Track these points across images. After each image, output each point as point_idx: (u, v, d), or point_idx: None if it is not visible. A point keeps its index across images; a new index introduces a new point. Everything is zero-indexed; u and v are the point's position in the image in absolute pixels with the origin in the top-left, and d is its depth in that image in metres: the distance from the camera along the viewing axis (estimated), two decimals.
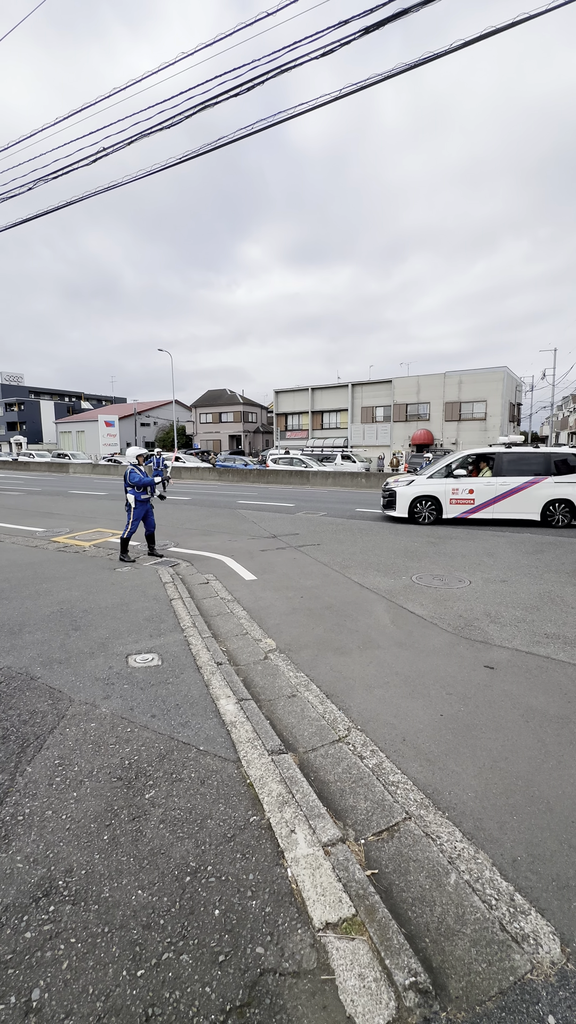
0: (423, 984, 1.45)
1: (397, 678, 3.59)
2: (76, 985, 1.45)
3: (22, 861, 1.89)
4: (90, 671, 3.55)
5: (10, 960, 1.52)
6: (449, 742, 2.80)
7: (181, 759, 2.54)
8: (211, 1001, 1.41)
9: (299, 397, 45.40)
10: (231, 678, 3.47)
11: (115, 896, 1.74)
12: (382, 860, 1.96)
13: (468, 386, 36.47)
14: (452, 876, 1.88)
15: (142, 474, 7.10)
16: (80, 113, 7.42)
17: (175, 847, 1.96)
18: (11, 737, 2.72)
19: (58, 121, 7.63)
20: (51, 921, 1.65)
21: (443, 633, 4.47)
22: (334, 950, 1.55)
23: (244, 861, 1.90)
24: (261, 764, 2.48)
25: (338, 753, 2.67)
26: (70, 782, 2.35)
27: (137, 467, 7.15)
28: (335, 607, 5.21)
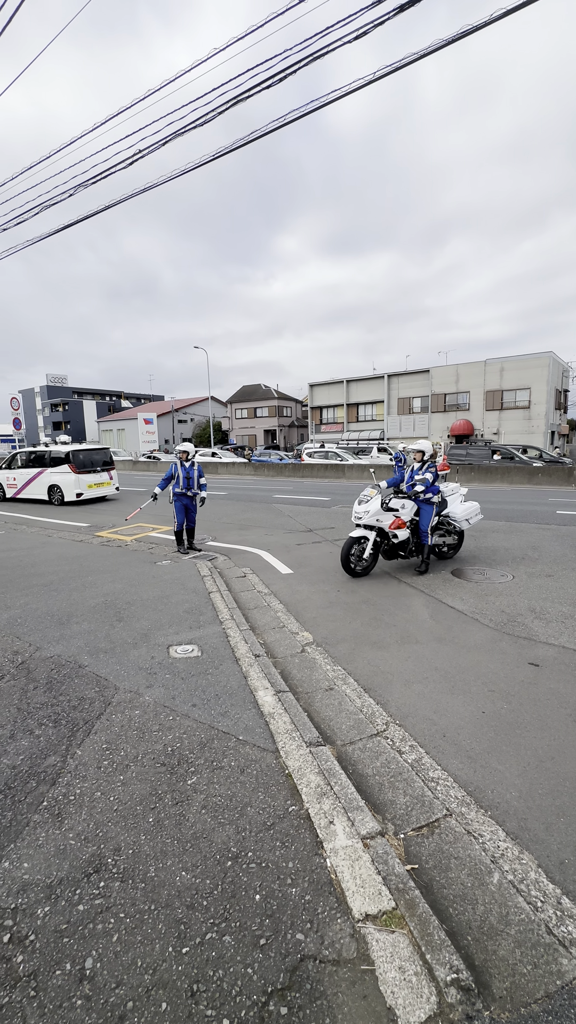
0: (465, 981, 1.44)
1: (436, 674, 3.53)
2: (126, 957, 1.52)
3: (74, 838, 1.99)
4: (134, 661, 3.69)
5: (65, 930, 1.61)
6: (491, 740, 2.73)
7: (221, 748, 2.60)
8: (253, 982, 1.45)
9: (334, 390, 45.00)
10: (269, 670, 3.51)
11: (160, 876, 1.81)
12: (422, 855, 1.95)
13: (510, 373, 35.05)
14: (495, 875, 1.84)
15: (171, 471, 7.29)
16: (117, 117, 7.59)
17: (216, 832, 2.02)
18: (62, 721, 2.86)
19: (96, 127, 7.83)
20: (101, 896, 1.73)
21: (484, 629, 4.35)
22: (374, 941, 1.56)
23: (283, 849, 1.93)
24: (299, 755, 2.51)
25: (376, 747, 2.66)
26: (117, 766, 2.45)
27: (180, 464, 7.33)
28: (372, 601, 5.16)
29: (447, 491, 6.64)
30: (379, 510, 5.80)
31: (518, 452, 22.56)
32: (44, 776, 2.37)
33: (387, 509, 5.86)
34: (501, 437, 35.17)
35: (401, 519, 5.90)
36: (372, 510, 5.83)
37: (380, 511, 5.81)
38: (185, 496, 7.31)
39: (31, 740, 2.68)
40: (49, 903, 1.70)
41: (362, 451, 29.17)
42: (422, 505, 6.04)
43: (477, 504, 6.71)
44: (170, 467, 7.37)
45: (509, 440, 34.03)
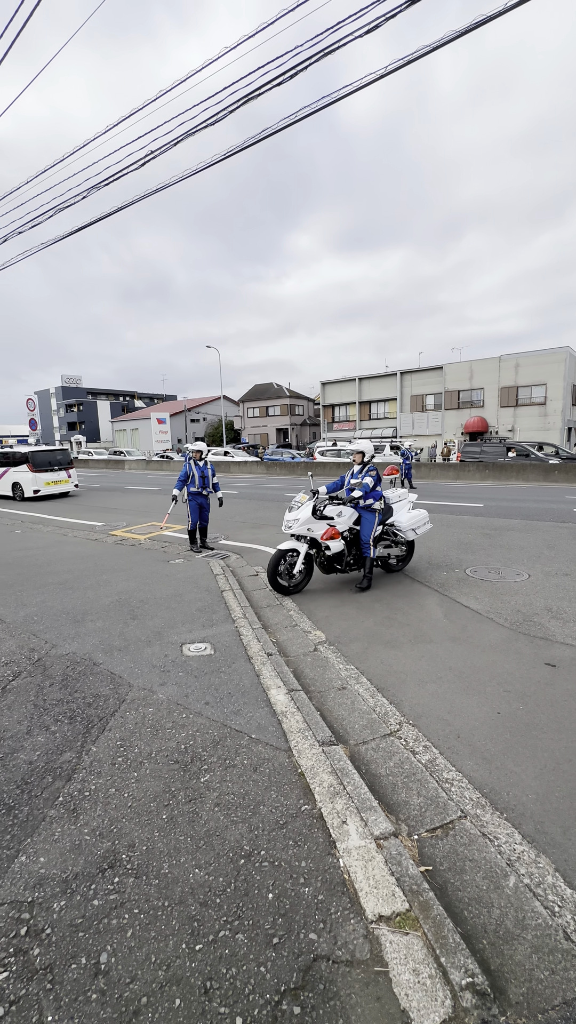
0: (481, 986, 1.42)
1: (451, 673, 3.49)
2: (140, 953, 1.53)
3: (89, 834, 2.02)
4: (147, 658, 3.72)
5: (80, 924, 1.63)
6: (507, 741, 2.70)
7: (234, 746, 2.61)
8: (266, 981, 1.44)
9: (346, 388, 44.82)
10: (281, 669, 3.51)
11: (174, 873, 1.82)
12: (436, 857, 1.93)
13: (526, 369, 34.52)
14: (511, 879, 1.82)
15: (186, 470, 7.32)
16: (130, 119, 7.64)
17: (229, 830, 2.02)
18: (77, 718, 2.90)
19: (109, 128, 7.89)
20: (116, 891, 1.75)
21: (499, 628, 4.29)
22: (387, 943, 1.55)
23: (296, 848, 1.93)
24: (312, 754, 2.50)
25: (390, 747, 2.65)
26: (131, 762, 2.47)
27: (195, 462, 7.37)
28: (385, 600, 5.13)
29: (393, 497, 6.02)
30: (310, 518, 5.17)
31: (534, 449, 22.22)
32: (60, 772, 2.41)
33: (321, 517, 5.24)
34: (516, 434, 34.67)
35: (335, 529, 5.25)
36: (302, 518, 5.16)
37: (311, 519, 5.17)
38: (200, 495, 7.35)
39: (47, 736, 2.71)
40: (65, 897, 1.73)
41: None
42: (363, 513, 5.45)
43: (425, 512, 6.04)
44: (183, 467, 7.41)
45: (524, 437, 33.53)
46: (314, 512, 5.20)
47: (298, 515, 5.22)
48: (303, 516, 5.17)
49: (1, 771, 2.42)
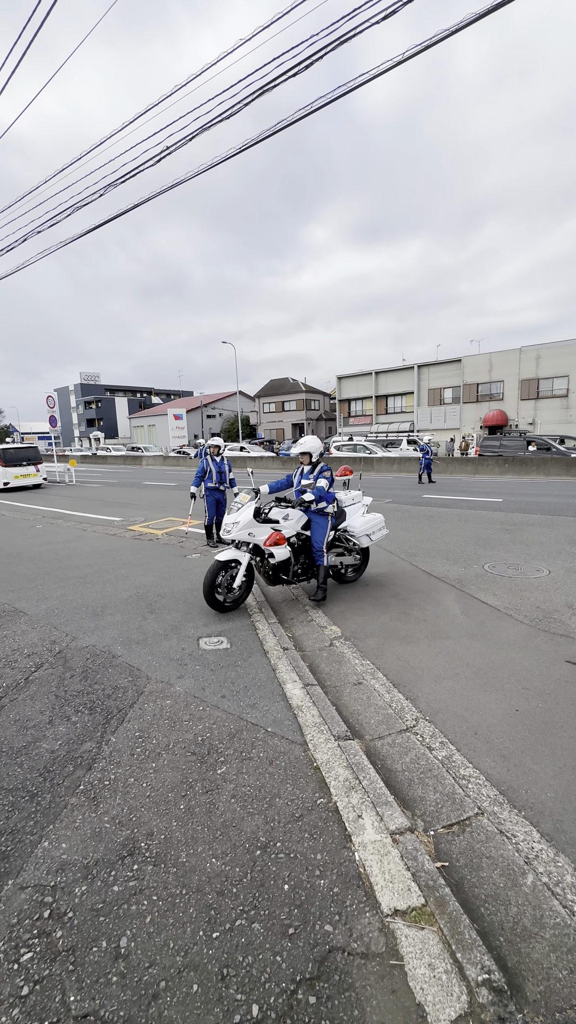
0: (497, 983, 1.41)
1: (468, 670, 3.46)
2: (158, 939, 1.56)
3: (109, 822, 2.06)
4: (165, 652, 3.77)
5: (101, 909, 1.67)
6: (525, 739, 2.66)
7: (250, 739, 2.63)
8: (282, 970, 1.46)
9: (362, 382, 44.44)
10: (297, 663, 3.52)
11: (191, 862, 1.86)
12: (452, 853, 1.92)
13: (547, 361, 33.73)
14: (529, 877, 1.80)
15: (203, 466, 7.36)
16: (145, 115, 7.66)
17: (246, 821, 2.05)
18: (97, 709, 2.96)
19: (125, 126, 7.93)
20: (135, 878, 1.79)
21: (518, 625, 4.23)
22: (403, 937, 1.55)
23: (312, 841, 1.94)
24: (327, 748, 2.51)
25: (406, 743, 2.64)
26: (149, 753, 2.52)
27: (212, 457, 7.42)
28: (401, 595, 5.10)
29: (346, 500, 5.42)
30: (251, 522, 4.53)
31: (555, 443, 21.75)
32: (80, 761, 2.46)
33: (264, 520, 4.66)
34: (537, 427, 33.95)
35: (281, 534, 4.60)
36: (242, 521, 4.51)
37: (252, 523, 4.54)
38: (217, 491, 7.41)
39: (68, 726, 2.78)
40: (86, 883, 1.77)
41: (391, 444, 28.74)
42: (314, 517, 4.87)
43: (381, 516, 5.48)
44: (200, 463, 7.46)
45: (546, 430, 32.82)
46: (257, 515, 4.60)
47: (238, 518, 4.55)
48: (243, 519, 4.52)
49: (25, 759, 2.49)
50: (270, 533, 4.59)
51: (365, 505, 5.60)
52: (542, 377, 34.07)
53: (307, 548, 5.00)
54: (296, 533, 4.89)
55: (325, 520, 4.86)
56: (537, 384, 34.27)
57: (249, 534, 4.54)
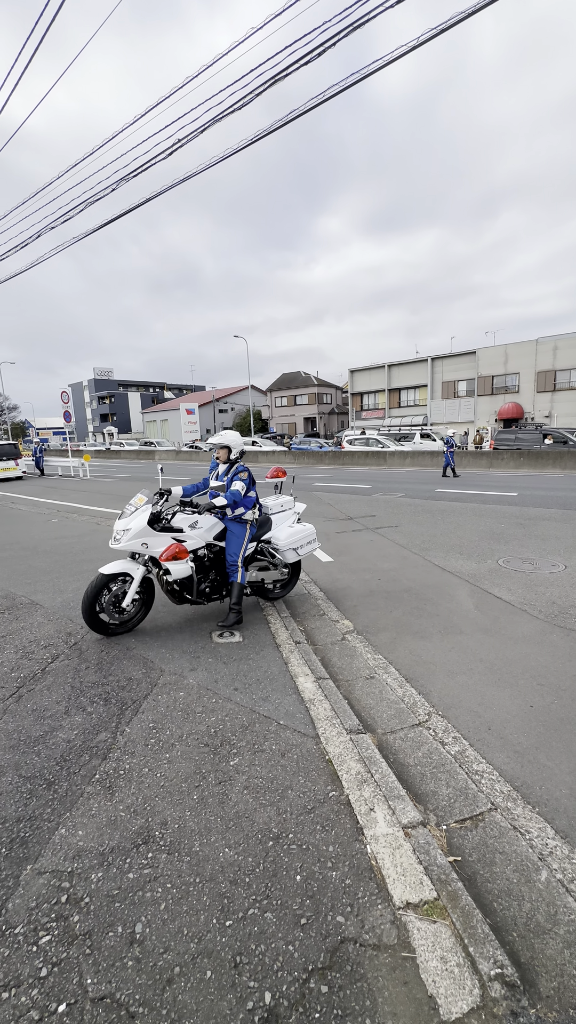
0: (510, 977, 1.41)
1: (481, 665, 3.43)
2: (172, 925, 1.59)
3: (124, 811, 2.10)
4: (178, 644, 3.80)
5: (116, 895, 1.70)
6: (540, 735, 2.64)
7: (262, 731, 2.65)
8: (294, 959, 1.48)
9: (375, 375, 44.08)
10: (309, 657, 3.53)
11: (204, 851, 1.88)
12: (465, 848, 1.91)
13: (565, 352, 33.05)
14: (543, 873, 1.79)
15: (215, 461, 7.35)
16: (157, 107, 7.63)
17: (258, 813, 2.06)
18: (112, 700, 3.00)
19: (137, 119, 7.91)
20: (150, 866, 1.82)
21: (533, 620, 4.18)
22: (415, 929, 1.55)
23: (324, 833, 1.95)
24: (340, 742, 2.51)
25: (418, 737, 2.63)
26: (163, 744, 2.55)
27: None
28: (414, 590, 5.07)
29: (274, 506, 4.74)
30: (145, 529, 3.77)
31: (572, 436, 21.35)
32: (96, 751, 2.50)
33: (164, 529, 3.91)
34: (553, 420, 33.36)
35: (182, 545, 3.83)
36: (134, 528, 3.76)
37: (147, 531, 3.78)
38: None
39: (84, 717, 2.83)
40: (102, 869, 1.81)
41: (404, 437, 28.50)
42: (230, 525, 4.15)
43: (312, 528, 4.74)
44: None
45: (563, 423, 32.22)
46: (155, 521, 3.88)
47: (129, 524, 3.81)
48: (135, 526, 3.77)
49: (42, 748, 2.54)
50: (168, 544, 3.80)
51: (297, 513, 4.90)
52: (559, 369, 33.42)
53: (221, 563, 4.26)
54: (207, 544, 4.14)
55: (243, 529, 4.13)
56: (554, 376, 33.63)
57: (143, 544, 3.79)
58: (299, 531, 4.62)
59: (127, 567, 3.87)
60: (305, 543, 4.65)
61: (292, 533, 4.56)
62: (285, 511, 4.83)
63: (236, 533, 4.12)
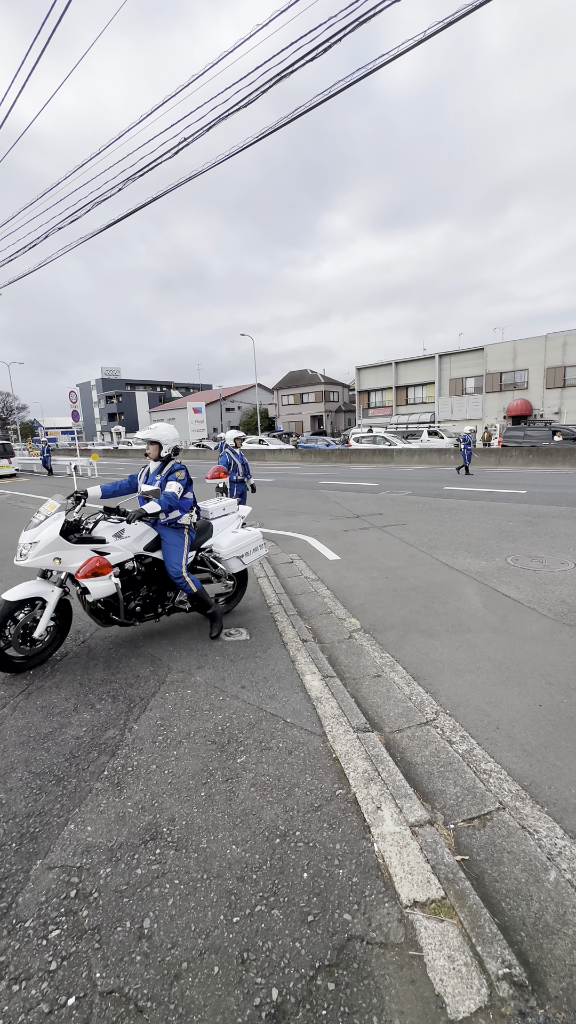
0: (518, 977, 1.40)
1: (490, 664, 3.41)
2: (180, 921, 1.60)
3: (132, 807, 2.11)
4: (185, 642, 3.82)
5: (125, 890, 1.72)
6: (549, 734, 2.62)
7: (269, 729, 2.65)
8: (301, 956, 1.48)
9: (382, 372, 43.88)
10: (316, 655, 3.53)
11: (212, 848, 1.89)
12: (473, 847, 1.91)
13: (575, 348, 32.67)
14: (552, 873, 1.77)
15: (225, 459, 7.36)
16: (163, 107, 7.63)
17: (265, 810, 2.07)
18: (120, 697, 3.02)
19: (143, 118, 7.93)
20: (158, 862, 1.83)
21: (542, 619, 4.15)
22: (422, 928, 1.55)
23: (331, 831, 1.95)
24: (346, 740, 2.51)
25: (425, 736, 2.62)
26: (171, 741, 2.56)
27: (233, 451, 7.42)
28: (422, 588, 5.05)
29: (215, 510, 4.33)
30: (57, 541, 3.21)
31: None
32: (104, 747, 2.53)
33: (82, 540, 3.34)
34: (563, 417, 33.01)
35: (104, 559, 3.30)
36: (44, 541, 3.19)
37: (59, 543, 3.22)
38: (242, 483, 7.46)
39: (92, 713, 2.85)
40: (110, 865, 1.82)
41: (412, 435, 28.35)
42: (165, 532, 3.66)
43: (258, 533, 4.38)
44: (222, 456, 7.45)
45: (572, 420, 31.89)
46: (70, 532, 3.30)
47: (37, 535, 3.22)
48: (45, 538, 3.19)
49: (51, 744, 2.56)
50: (88, 558, 3.24)
51: (241, 517, 4.52)
52: (569, 365, 33.04)
53: (158, 574, 3.77)
54: (137, 555, 3.61)
55: (179, 536, 3.67)
56: (564, 372, 33.27)
57: (55, 559, 3.21)
58: (244, 537, 4.23)
59: (39, 590, 3.26)
60: (251, 550, 4.26)
61: (236, 539, 4.17)
62: (228, 515, 4.42)
63: (173, 541, 3.66)
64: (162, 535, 3.69)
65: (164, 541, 3.68)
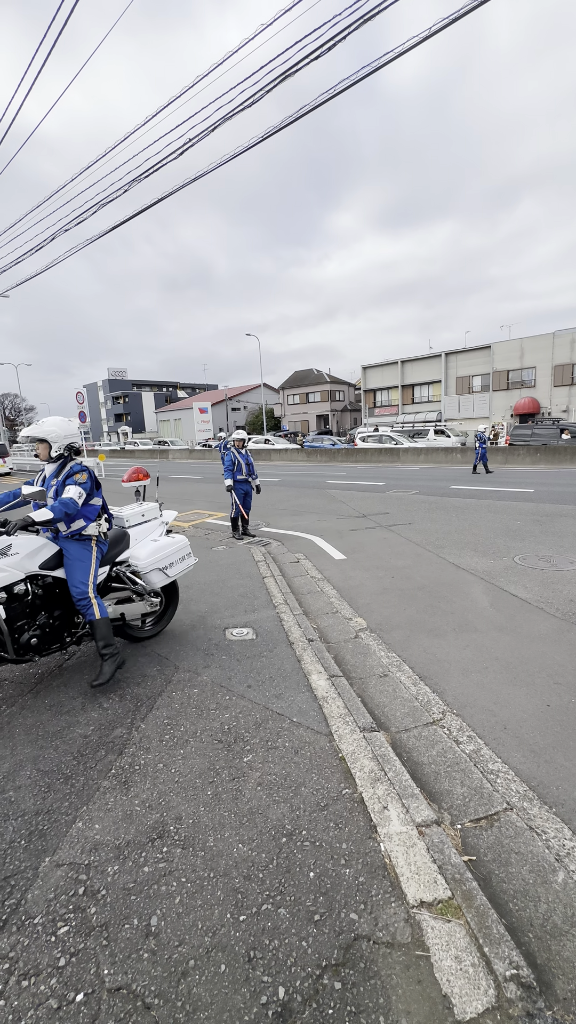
0: (526, 978, 1.39)
1: (497, 663, 3.39)
2: (187, 919, 1.61)
3: (139, 805, 2.12)
4: (192, 642, 3.83)
5: (132, 888, 1.73)
6: (557, 735, 2.60)
7: (275, 728, 2.66)
8: (307, 955, 1.48)
9: (388, 371, 43.74)
10: (322, 655, 3.53)
11: (218, 846, 1.89)
12: (480, 848, 1.90)
13: None
14: (560, 874, 1.76)
15: (230, 459, 7.39)
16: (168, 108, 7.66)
17: (271, 809, 2.07)
18: (127, 696, 3.04)
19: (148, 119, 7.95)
20: (164, 860, 1.84)
21: (550, 618, 4.12)
22: (429, 928, 1.54)
23: (337, 831, 1.95)
24: (353, 740, 2.51)
25: (432, 736, 2.61)
26: (177, 740, 2.58)
27: (238, 451, 7.44)
28: (428, 588, 5.03)
29: (131, 517, 3.78)
30: None
31: None
32: (112, 746, 2.54)
33: None
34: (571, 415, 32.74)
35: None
36: None
37: None
38: (246, 483, 7.48)
39: (100, 712, 2.87)
40: (118, 862, 1.83)
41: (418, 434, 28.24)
42: (67, 546, 3.10)
43: (184, 540, 3.87)
44: (227, 456, 7.48)
45: None
46: None
47: None
48: None
49: (59, 743, 2.58)
50: None
51: (164, 523, 3.97)
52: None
53: (58, 597, 3.18)
54: (31, 575, 3.02)
55: (86, 550, 3.12)
56: (572, 369, 32.98)
57: None
58: (166, 545, 3.67)
59: None
60: (176, 560, 3.70)
61: (156, 549, 3.59)
62: (148, 521, 3.86)
63: (76, 556, 3.08)
64: (64, 549, 3.10)
65: (66, 556, 3.09)
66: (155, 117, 7.89)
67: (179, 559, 3.78)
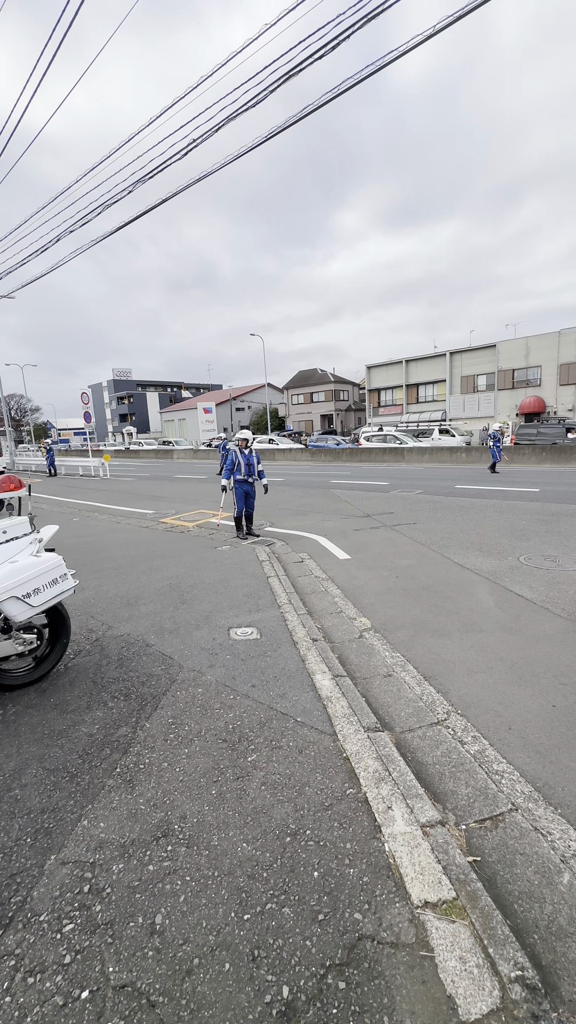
0: (531, 980, 1.39)
1: (502, 664, 3.38)
2: (191, 917, 1.61)
3: (144, 804, 2.13)
4: (196, 641, 3.84)
5: (137, 886, 1.73)
6: (563, 735, 2.58)
7: (280, 728, 2.66)
8: (311, 954, 1.48)
9: (392, 371, 43.62)
10: (326, 654, 3.53)
11: (223, 845, 1.90)
12: (485, 849, 1.89)
13: None
14: (565, 876, 1.75)
15: (231, 459, 7.38)
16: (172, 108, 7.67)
17: (276, 808, 2.07)
18: (132, 696, 3.05)
19: (152, 120, 7.97)
20: (169, 859, 1.85)
21: (556, 618, 4.09)
22: (433, 929, 1.54)
23: (341, 830, 1.95)
24: (357, 740, 2.51)
25: (437, 736, 2.61)
26: (182, 739, 2.58)
27: (241, 451, 7.43)
28: (433, 588, 5.02)
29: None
30: None
31: None
32: (117, 745, 2.55)
33: None
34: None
35: None
36: None
37: None
38: (246, 483, 7.47)
39: (105, 711, 2.88)
40: (123, 861, 1.84)
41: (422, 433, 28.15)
42: None
43: (59, 559, 3.17)
44: (229, 456, 7.48)
45: None
46: None
47: None
48: None
49: (65, 741, 2.60)
50: None
51: (38, 540, 3.28)
52: None
53: None
54: None
55: None
56: None
57: None
58: (26, 568, 2.93)
59: None
60: (42, 585, 2.98)
61: (11, 572, 2.86)
62: (13, 540, 3.19)
63: None
64: None
65: None
66: (159, 118, 7.91)
67: (47, 583, 3.02)
